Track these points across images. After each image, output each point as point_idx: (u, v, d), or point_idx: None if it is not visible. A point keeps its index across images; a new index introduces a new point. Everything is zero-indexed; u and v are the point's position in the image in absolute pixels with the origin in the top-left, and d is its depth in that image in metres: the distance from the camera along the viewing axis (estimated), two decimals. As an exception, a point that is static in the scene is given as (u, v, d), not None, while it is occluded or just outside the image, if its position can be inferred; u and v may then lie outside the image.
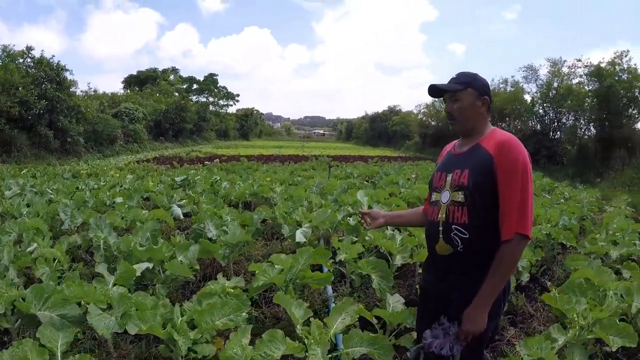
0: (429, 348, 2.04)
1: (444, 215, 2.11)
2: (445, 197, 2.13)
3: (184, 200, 7.55)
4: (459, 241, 2.05)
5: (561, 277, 5.42)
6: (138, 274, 3.63)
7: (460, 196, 2.05)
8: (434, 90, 2.24)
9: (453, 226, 2.07)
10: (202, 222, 5.24)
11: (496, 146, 2.04)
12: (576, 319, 2.80)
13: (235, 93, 71.97)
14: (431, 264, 2.30)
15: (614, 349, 2.72)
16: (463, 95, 2.14)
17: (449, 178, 2.15)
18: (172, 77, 64.25)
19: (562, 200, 10.59)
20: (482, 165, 2.03)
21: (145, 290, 4.20)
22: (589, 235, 6.38)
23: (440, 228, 2.12)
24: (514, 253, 1.98)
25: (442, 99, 2.27)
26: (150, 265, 3.87)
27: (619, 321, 4.12)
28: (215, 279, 3.67)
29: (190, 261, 4.05)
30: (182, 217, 6.98)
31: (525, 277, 4.69)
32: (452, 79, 2.19)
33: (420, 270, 5.08)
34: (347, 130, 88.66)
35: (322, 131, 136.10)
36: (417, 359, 2.20)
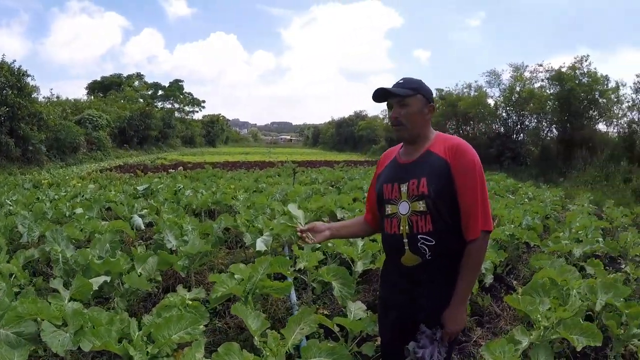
0: (423, 359, 2.01)
1: (407, 227, 2.06)
2: (403, 208, 2.08)
3: (146, 210, 7.37)
4: (426, 249, 2.04)
5: (527, 276, 5.47)
6: (95, 288, 3.47)
7: (421, 205, 2.03)
8: (381, 94, 2.14)
9: (419, 236, 2.04)
10: (162, 232, 5.10)
11: (448, 150, 2.05)
12: (539, 319, 2.78)
13: (201, 99, 71.50)
14: (393, 275, 2.23)
15: (578, 349, 2.70)
16: (412, 101, 2.08)
17: (403, 188, 2.09)
18: (136, 83, 63.14)
19: (526, 200, 10.75)
20: (439, 171, 2.03)
21: (106, 304, 4.06)
22: (553, 234, 6.47)
23: (405, 240, 2.07)
24: (482, 249, 2.04)
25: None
26: (108, 279, 3.72)
27: (586, 318, 4.15)
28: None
29: (149, 273, 3.91)
30: (143, 227, 6.80)
31: (489, 279, 4.70)
32: (399, 84, 2.11)
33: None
34: (314, 136, 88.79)
35: (289, 137, 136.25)
36: None
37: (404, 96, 2.06)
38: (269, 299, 4.27)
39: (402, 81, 2.12)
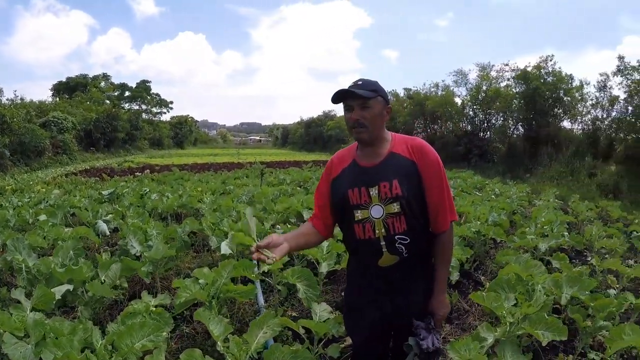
0: (427, 350, 2.11)
1: (383, 230, 2.07)
2: (377, 212, 2.08)
3: (111, 215, 7.20)
4: (403, 248, 2.09)
5: (494, 271, 5.51)
6: (58, 297, 3.37)
7: (396, 207, 2.06)
8: (341, 95, 2.10)
9: (396, 237, 2.08)
10: (126, 238, 5.00)
11: (413, 151, 2.13)
12: (505, 316, 2.79)
13: (168, 100, 70.18)
14: (368, 276, 2.23)
15: (544, 344, 2.72)
16: (374, 102, 2.07)
17: (373, 192, 2.09)
18: (103, 84, 61.20)
19: (492, 196, 10.89)
20: (408, 172, 2.09)
21: (71, 314, 3.96)
22: (519, 230, 6.55)
23: (383, 243, 2.09)
24: (452, 237, 2.26)
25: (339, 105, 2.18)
26: (71, 287, 3.61)
27: (554, 312, 4.22)
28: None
29: (112, 280, 3.81)
30: (108, 233, 6.63)
31: (456, 276, 4.73)
32: (359, 85, 2.08)
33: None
34: (283, 136, 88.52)
35: (258, 137, 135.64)
36: None
37: (367, 98, 2.04)
38: (236, 303, 4.21)
39: (360, 82, 2.10)
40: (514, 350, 2.44)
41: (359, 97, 2.04)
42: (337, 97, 2.11)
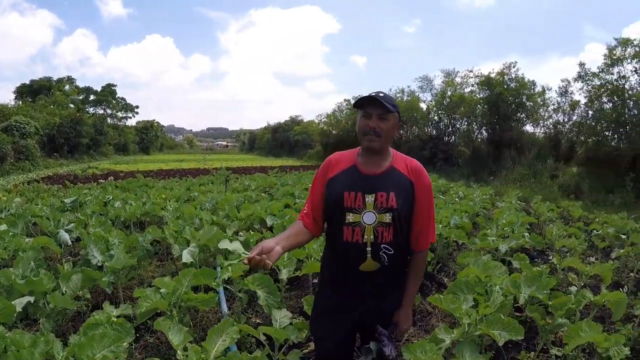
0: (389, 357, 2.23)
1: (372, 237, 2.16)
2: (369, 218, 2.16)
3: (73, 224, 7.02)
4: (385, 257, 2.18)
5: (457, 273, 5.62)
6: (19, 309, 3.29)
7: (388, 218, 2.16)
8: (365, 102, 2.17)
9: (382, 245, 2.17)
10: (88, 247, 4.90)
11: (412, 171, 2.26)
12: (462, 317, 2.85)
13: (134, 105, 68.52)
14: (350, 279, 2.27)
15: (500, 344, 2.78)
16: (392, 116, 2.18)
17: (369, 199, 2.16)
18: (67, 87, 59.08)
19: (456, 199, 11.03)
20: (406, 189, 2.21)
21: (34, 326, 3.89)
22: (481, 231, 6.65)
23: (369, 249, 2.16)
24: (426, 256, 2.43)
25: (351, 109, 2.27)
26: (32, 299, 3.54)
27: (516, 312, 4.33)
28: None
29: (73, 291, 3.77)
30: (70, 242, 6.46)
31: None
32: (382, 97, 2.14)
33: (315, 281, 5.05)
34: (250, 141, 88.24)
35: (225, 143, 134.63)
36: None
37: (388, 110, 2.13)
38: (199, 311, 4.19)
39: (382, 95, 2.16)
40: (473, 351, 2.49)
41: (382, 107, 2.13)
42: (361, 102, 2.18)
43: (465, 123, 28.62)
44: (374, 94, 2.15)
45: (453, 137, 29.31)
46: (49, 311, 3.61)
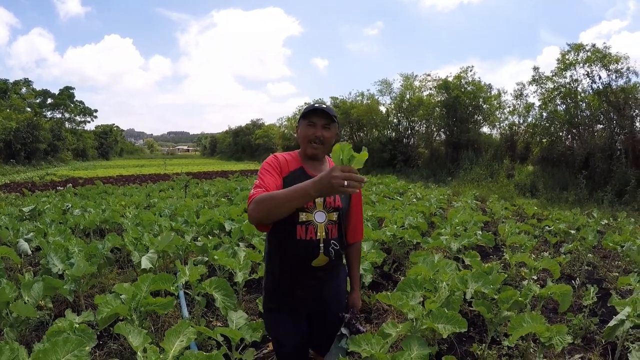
0: (358, 332, 2.53)
1: (324, 234, 2.33)
2: (320, 217, 2.33)
3: (32, 233, 6.93)
4: (333, 252, 2.36)
5: (412, 272, 5.82)
6: (-18, 319, 3.35)
7: (335, 216, 2.37)
8: (311, 112, 2.34)
9: (331, 241, 2.35)
10: (48, 256, 4.91)
11: None
12: (407, 312, 3.03)
13: (93, 108, 66.63)
14: (298, 277, 2.40)
15: (444, 336, 2.95)
16: (334, 126, 2.37)
17: (318, 199, 2.32)
18: (24, 90, 56.61)
19: (414, 200, 11.24)
20: None
21: (-1, 336, 3.89)
22: (435, 231, 6.85)
23: (322, 245, 2.33)
24: (360, 246, 2.76)
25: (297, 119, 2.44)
26: (-5, 309, 3.58)
27: (469, 306, 4.53)
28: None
29: (35, 300, 3.78)
30: (30, 252, 6.40)
31: (369, 279, 4.85)
32: (325, 108, 2.34)
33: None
34: (212, 145, 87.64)
35: (186, 147, 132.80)
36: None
37: (332, 120, 2.34)
38: (160, 317, 4.28)
39: (325, 105, 2.37)
40: (420, 344, 2.64)
41: (326, 117, 2.32)
42: (309, 111, 2.35)
43: (424, 125, 29.17)
44: (317, 105, 2.34)
45: (412, 139, 29.80)
46: (12, 320, 3.64)
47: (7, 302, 3.60)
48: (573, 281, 5.84)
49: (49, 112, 59.05)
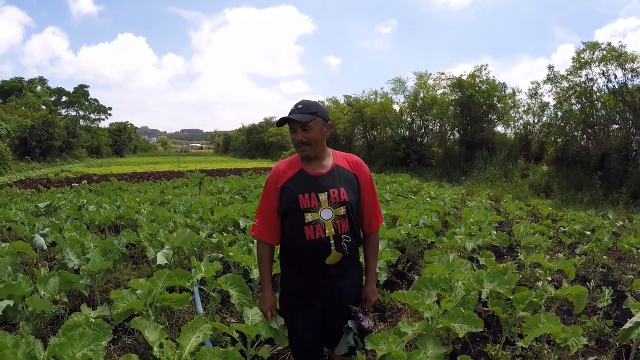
0: (368, 329, 2.47)
1: (332, 230, 2.36)
2: (326, 214, 2.36)
3: (48, 229, 7.00)
4: (346, 246, 2.40)
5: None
6: (-1, 313, 3.38)
7: (342, 210, 2.38)
8: (282, 121, 2.36)
9: (342, 236, 2.39)
10: (64, 251, 4.95)
11: (353, 166, 2.53)
12: (424, 311, 3.01)
13: (107, 106, 67.68)
14: (317, 276, 2.45)
15: (460, 336, 2.94)
16: (314, 123, 2.35)
17: (322, 197, 2.36)
18: (39, 88, 57.38)
19: (428, 199, 11.16)
20: (352, 183, 2.47)
21: (13, 330, 3.96)
22: (450, 230, 6.82)
23: (332, 242, 2.36)
24: (378, 236, 2.73)
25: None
26: (11, 303, 3.59)
27: (484, 307, 4.49)
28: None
29: (51, 294, 3.82)
30: (45, 247, 6.46)
31: (384, 277, 4.87)
32: (299, 109, 2.35)
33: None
34: (225, 143, 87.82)
35: (199, 145, 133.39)
36: (355, 345, 2.52)
37: (306, 122, 2.32)
38: (175, 312, 4.29)
39: (300, 106, 2.37)
40: (435, 343, 2.63)
41: (299, 122, 2.32)
42: (281, 122, 2.38)
43: (438, 124, 28.94)
44: (284, 117, 2.35)
45: (426, 138, 29.60)
46: (28, 314, 3.67)
47: (24, 296, 3.65)
48: (588, 283, 5.77)
49: (64, 110, 59.71)
